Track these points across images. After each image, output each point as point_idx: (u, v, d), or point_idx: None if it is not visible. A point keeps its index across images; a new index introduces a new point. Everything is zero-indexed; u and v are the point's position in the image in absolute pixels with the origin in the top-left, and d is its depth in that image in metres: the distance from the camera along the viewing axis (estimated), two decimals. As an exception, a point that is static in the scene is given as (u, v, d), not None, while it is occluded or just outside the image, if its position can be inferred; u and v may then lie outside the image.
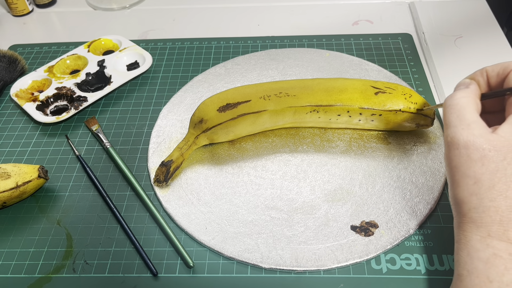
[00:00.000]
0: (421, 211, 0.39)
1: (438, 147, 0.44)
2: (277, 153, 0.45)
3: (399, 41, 0.59)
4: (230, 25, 0.65)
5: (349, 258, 0.37)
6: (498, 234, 0.29)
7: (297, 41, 0.60)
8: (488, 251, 0.29)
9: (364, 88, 0.43)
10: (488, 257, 0.29)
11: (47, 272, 0.38)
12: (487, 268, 0.28)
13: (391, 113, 0.43)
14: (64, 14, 0.69)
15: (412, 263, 0.37)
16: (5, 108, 0.53)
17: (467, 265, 0.29)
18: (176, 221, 0.40)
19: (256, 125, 0.44)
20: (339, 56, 0.56)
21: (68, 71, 0.57)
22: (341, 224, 0.39)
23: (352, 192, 0.41)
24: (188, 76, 0.56)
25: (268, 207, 0.41)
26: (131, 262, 0.38)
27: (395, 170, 0.43)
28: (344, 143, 0.45)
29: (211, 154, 0.45)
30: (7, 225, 0.41)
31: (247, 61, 0.57)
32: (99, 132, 0.48)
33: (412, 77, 0.53)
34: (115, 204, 0.42)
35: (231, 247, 0.38)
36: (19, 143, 0.49)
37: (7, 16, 0.69)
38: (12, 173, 0.41)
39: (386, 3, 0.66)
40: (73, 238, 0.40)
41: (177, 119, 0.49)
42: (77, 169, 0.46)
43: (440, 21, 0.60)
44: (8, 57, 0.57)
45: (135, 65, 0.57)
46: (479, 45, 0.55)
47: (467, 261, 0.29)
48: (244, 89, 0.44)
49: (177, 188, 0.43)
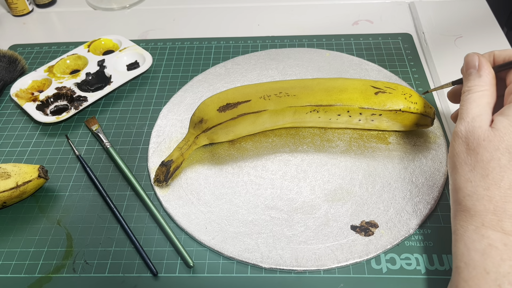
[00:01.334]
0: (421, 211, 0.39)
1: (438, 147, 0.44)
2: (277, 153, 0.45)
3: (399, 41, 0.59)
4: (230, 25, 0.65)
5: (349, 258, 0.37)
6: (492, 224, 0.29)
7: (297, 41, 0.60)
8: (483, 241, 0.29)
9: (364, 88, 0.43)
10: (484, 248, 0.29)
11: (47, 272, 0.38)
12: (484, 259, 0.29)
13: (391, 113, 0.43)
14: (64, 14, 0.69)
15: (412, 263, 0.37)
16: (5, 108, 0.53)
17: (464, 257, 0.30)
18: (176, 221, 0.40)
19: (256, 125, 0.44)
20: (339, 56, 0.56)
21: (68, 71, 0.57)
22: (341, 224, 0.39)
23: (352, 192, 0.41)
24: (188, 76, 0.56)
25: (268, 207, 0.41)
26: (131, 262, 0.38)
27: (395, 170, 0.43)
28: (344, 143, 0.45)
29: (211, 154, 0.45)
30: (7, 225, 0.41)
31: (247, 61, 0.57)
32: (99, 132, 0.48)
33: (412, 77, 0.53)
34: (115, 204, 0.42)
35: (231, 247, 0.38)
36: (19, 143, 0.49)
37: (7, 16, 0.69)
38: (12, 173, 0.41)
39: (386, 3, 0.66)
40: (73, 238, 0.40)
41: (177, 119, 0.49)
42: (77, 169, 0.46)
43: (440, 21, 0.60)
44: (8, 57, 0.57)
45: (135, 65, 0.57)
46: (479, 45, 0.55)
47: (464, 253, 0.30)
48: (244, 89, 0.44)
49: (177, 188, 0.43)
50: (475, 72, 0.34)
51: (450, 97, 0.40)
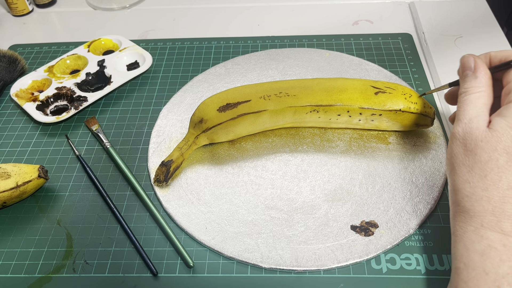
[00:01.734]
0: (421, 211, 0.39)
1: (438, 147, 0.44)
2: (277, 153, 0.45)
3: (399, 41, 0.59)
4: (230, 25, 0.65)
5: (349, 258, 0.37)
6: (491, 225, 0.29)
7: (297, 41, 0.60)
8: (483, 242, 0.29)
9: (364, 88, 0.43)
10: (483, 249, 0.29)
11: (47, 272, 0.38)
12: (483, 260, 0.29)
13: (391, 113, 0.43)
14: (64, 14, 0.69)
15: (412, 263, 0.37)
16: (5, 108, 0.53)
17: (464, 257, 0.30)
18: (176, 221, 0.40)
19: (256, 125, 0.44)
20: (339, 56, 0.56)
21: (68, 71, 0.57)
22: (341, 224, 0.39)
23: (352, 192, 0.41)
24: (188, 76, 0.56)
25: (268, 207, 0.41)
26: (131, 262, 0.38)
27: (395, 170, 0.43)
28: (344, 143, 0.45)
29: (211, 154, 0.45)
30: (7, 225, 0.41)
31: (247, 61, 0.57)
32: (99, 132, 0.48)
33: (412, 77, 0.53)
34: (115, 204, 0.42)
35: (231, 247, 0.38)
36: (19, 143, 0.49)
37: (7, 16, 0.69)
38: (12, 173, 0.41)
39: (386, 3, 0.66)
40: (73, 238, 0.40)
41: (177, 119, 0.49)
42: (77, 169, 0.46)
43: (440, 21, 0.60)
44: (8, 57, 0.57)
45: (135, 65, 0.57)
46: (479, 45, 0.55)
47: (464, 254, 0.30)
48: (244, 89, 0.44)
49: (177, 188, 0.43)
50: (471, 73, 0.34)
51: (448, 99, 0.40)
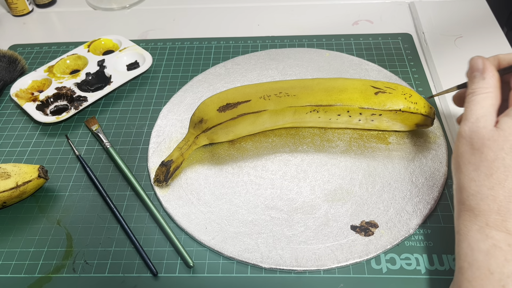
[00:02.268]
0: (421, 211, 0.39)
1: (438, 147, 0.44)
2: (277, 153, 0.45)
3: (399, 41, 0.59)
4: (230, 25, 0.65)
5: (349, 258, 0.37)
6: (496, 224, 0.29)
7: (297, 41, 0.60)
8: (487, 242, 0.29)
9: (364, 88, 0.43)
10: (488, 248, 0.29)
11: (47, 272, 0.38)
12: (488, 259, 0.29)
13: (391, 113, 0.43)
14: (64, 14, 0.69)
15: (412, 263, 0.37)
16: (5, 108, 0.53)
17: (468, 257, 0.30)
18: (176, 221, 0.40)
19: (256, 125, 0.44)
20: (339, 56, 0.56)
21: (68, 71, 0.57)
22: (341, 224, 0.39)
23: (352, 192, 0.41)
24: (188, 76, 0.56)
25: (268, 207, 0.41)
26: (131, 262, 0.38)
27: (395, 170, 0.43)
28: (344, 143, 0.45)
29: (211, 154, 0.45)
30: (7, 225, 0.41)
31: (247, 61, 0.57)
32: (99, 132, 0.48)
33: (412, 77, 0.53)
34: (115, 204, 0.42)
35: (231, 247, 0.38)
36: (19, 143, 0.49)
37: (7, 16, 0.69)
38: (12, 173, 0.41)
39: (386, 3, 0.66)
40: (73, 238, 0.40)
41: (177, 119, 0.49)
42: (77, 169, 0.46)
43: (440, 21, 0.60)
44: (8, 57, 0.57)
45: (135, 65, 0.57)
46: (479, 45, 0.55)
47: (468, 253, 0.30)
48: (244, 89, 0.44)
49: (177, 188, 0.43)
50: (479, 74, 0.34)
51: (456, 101, 0.41)
